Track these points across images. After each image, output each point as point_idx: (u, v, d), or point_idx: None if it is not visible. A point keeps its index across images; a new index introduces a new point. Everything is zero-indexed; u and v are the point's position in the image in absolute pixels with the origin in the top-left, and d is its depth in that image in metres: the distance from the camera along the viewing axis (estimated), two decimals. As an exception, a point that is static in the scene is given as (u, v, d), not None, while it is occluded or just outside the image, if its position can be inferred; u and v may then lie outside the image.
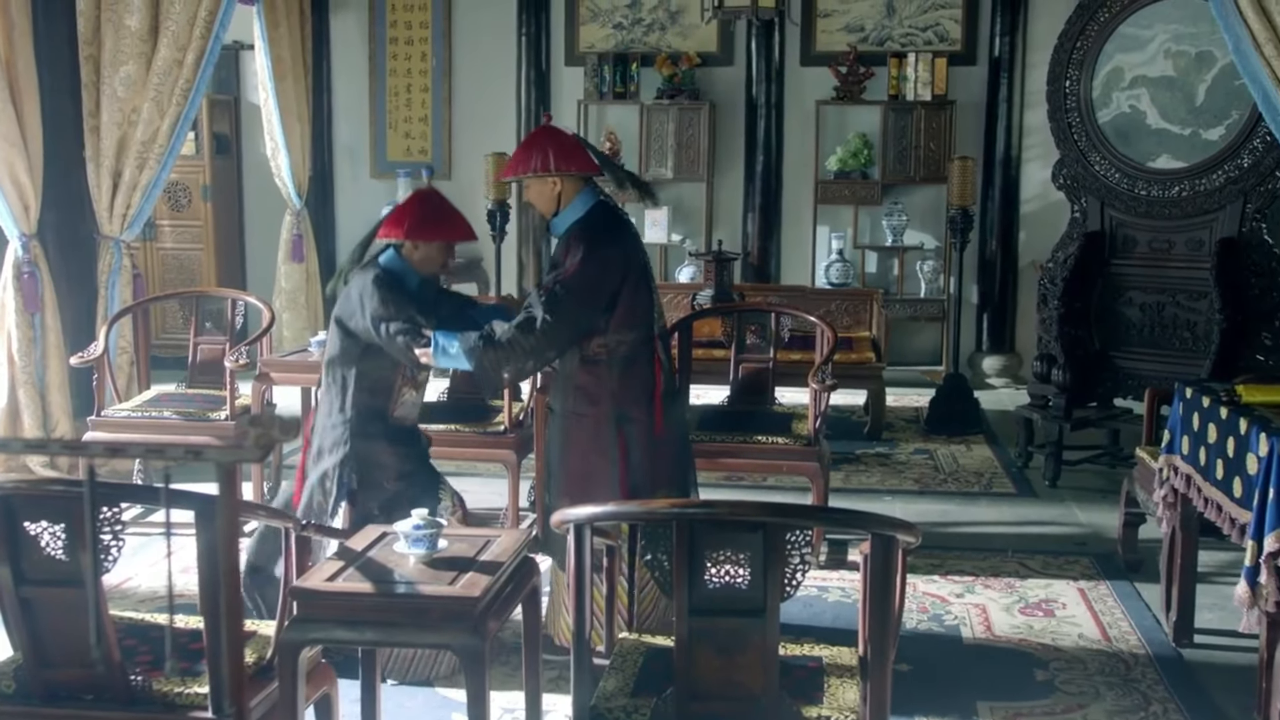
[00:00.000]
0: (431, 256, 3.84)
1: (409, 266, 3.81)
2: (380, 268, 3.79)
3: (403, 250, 3.81)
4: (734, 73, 8.70)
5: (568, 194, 3.80)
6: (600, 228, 3.76)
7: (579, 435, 3.79)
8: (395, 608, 2.73)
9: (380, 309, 3.67)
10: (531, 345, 3.64)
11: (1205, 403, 3.82)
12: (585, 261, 3.65)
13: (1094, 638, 4.12)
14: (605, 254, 3.70)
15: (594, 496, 3.56)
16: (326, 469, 3.79)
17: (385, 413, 3.81)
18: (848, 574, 4.65)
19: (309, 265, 8.66)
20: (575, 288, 3.65)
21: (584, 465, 3.78)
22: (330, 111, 9.13)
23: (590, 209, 3.80)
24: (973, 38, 8.49)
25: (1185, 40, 6.00)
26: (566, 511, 2.70)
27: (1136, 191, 6.13)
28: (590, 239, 3.70)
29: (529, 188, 3.84)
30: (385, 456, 3.80)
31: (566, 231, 3.79)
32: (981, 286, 8.56)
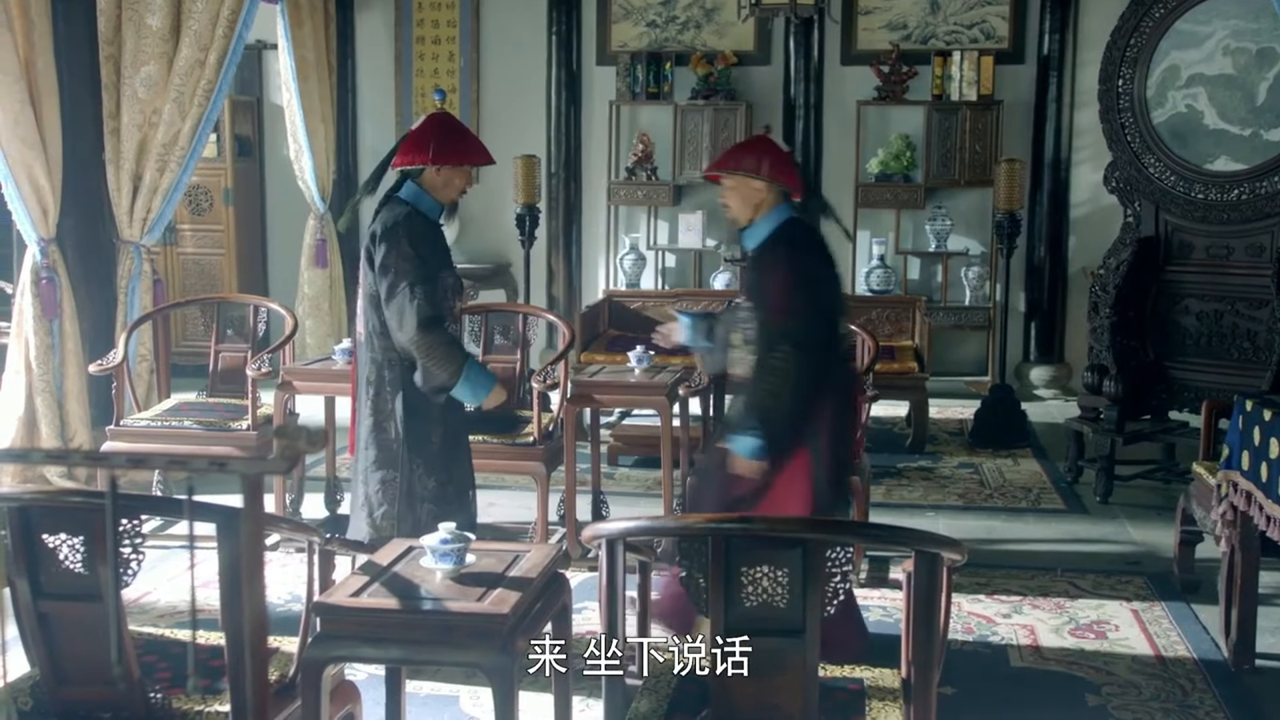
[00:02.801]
0: (454, 181, 3.94)
1: (427, 195, 3.91)
2: (405, 204, 3.89)
3: (423, 177, 3.89)
4: (771, 72, 8.70)
5: (767, 205, 3.86)
6: (801, 243, 3.83)
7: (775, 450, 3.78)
8: (421, 625, 2.73)
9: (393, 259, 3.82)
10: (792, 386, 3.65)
11: (1267, 416, 3.78)
12: (800, 281, 3.73)
13: (1148, 661, 4.08)
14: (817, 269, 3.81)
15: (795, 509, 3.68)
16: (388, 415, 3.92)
17: (457, 335, 3.92)
18: (890, 592, 4.62)
19: (333, 270, 8.70)
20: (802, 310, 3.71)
21: (781, 480, 3.78)
22: (355, 113, 9.19)
23: (787, 223, 3.85)
24: (1020, 35, 8.45)
25: (1245, 37, 5.95)
26: (599, 526, 2.71)
27: (1193, 195, 6.07)
28: (793, 257, 3.77)
29: (732, 189, 3.88)
30: (435, 410, 3.93)
31: (763, 246, 3.85)
32: (1029, 294, 8.51)
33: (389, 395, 3.99)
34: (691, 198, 8.80)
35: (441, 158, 3.88)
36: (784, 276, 3.75)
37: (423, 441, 4.00)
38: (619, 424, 7.01)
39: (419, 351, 3.86)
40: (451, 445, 4.09)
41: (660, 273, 8.93)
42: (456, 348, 3.92)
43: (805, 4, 6.89)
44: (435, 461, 4.00)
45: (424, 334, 3.83)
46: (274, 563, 4.90)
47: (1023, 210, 7.36)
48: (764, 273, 3.84)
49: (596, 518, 5.22)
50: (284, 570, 4.81)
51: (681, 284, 8.77)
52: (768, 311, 3.77)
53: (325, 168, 8.54)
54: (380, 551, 3.10)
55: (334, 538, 3.07)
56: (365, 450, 4.04)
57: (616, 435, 6.67)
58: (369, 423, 4.02)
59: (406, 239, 3.84)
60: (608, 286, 8.70)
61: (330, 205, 8.63)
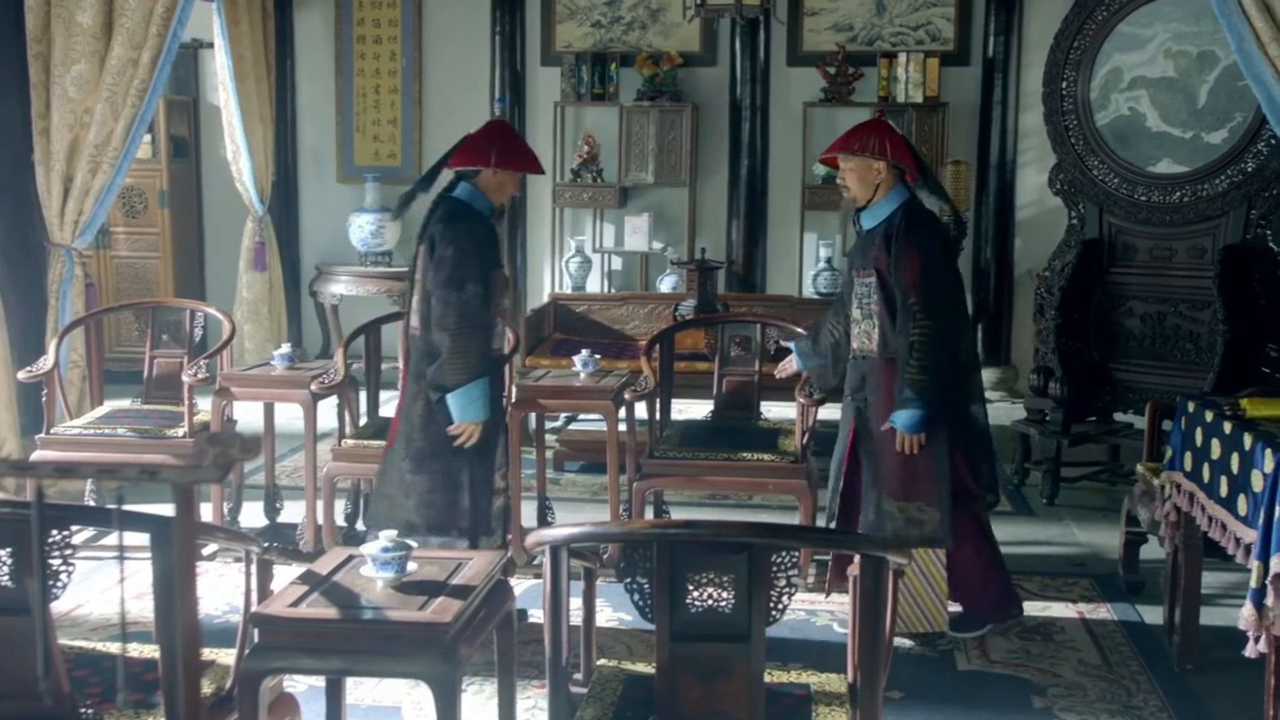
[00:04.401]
0: (506, 185, 4.16)
1: (482, 195, 4.11)
2: (460, 200, 4.09)
3: (479, 178, 4.10)
4: (717, 73, 8.73)
5: (886, 185, 4.18)
6: (928, 224, 4.16)
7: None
8: (362, 634, 2.71)
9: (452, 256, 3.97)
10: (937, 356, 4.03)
11: (1208, 417, 3.84)
12: (931, 258, 4.07)
13: (1094, 663, 4.13)
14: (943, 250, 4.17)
15: (920, 493, 4.11)
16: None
17: (489, 348, 4.09)
18: (838, 596, 4.65)
19: (272, 274, 8.63)
20: (934, 284, 4.05)
21: (910, 462, 4.11)
22: (294, 113, 9.12)
23: (906, 203, 4.17)
24: (966, 37, 8.54)
25: (1186, 40, 6.05)
26: (542, 533, 2.70)
27: (1136, 197, 6.16)
28: (925, 238, 4.09)
29: (851, 170, 4.21)
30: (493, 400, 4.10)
31: (886, 225, 4.15)
32: (976, 296, 8.59)
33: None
34: (638, 199, 8.81)
35: (503, 161, 4.09)
36: (915, 255, 4.06)
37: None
38: (565, 429, 7.00)
39: (446, 348, 3.99)
40: (501, 436, 4.27)
41: (606, 275, 8.93)
42: (478, 360, 4.02)
43: (751, 5, 6.92)
44: (483, 453, 4.12)
45: (459, 336, 3.97)
46: (211, 573, 4.86)
47: (969, 212, 7.44)
48: (894, 251, 4.10)
49: (542, 524, 5.21)
50: (222, 580, 4.77)
51: (628, 287, 8.78)
52: (902, 289, 4.06)
53: (264, 169, 8.46)
54: (319, 560, 3.07)
55: (272, 547, 3.04)
56: (414, 440, 4.11)
57: (562, 440, 6.66)
58: (421, 415, 4.11)
59: (468, 238, 4.01)
60: (553, 290, 8.69)
61: (269, 207, 8.56)
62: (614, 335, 7.51)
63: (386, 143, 9.13)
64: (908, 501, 4.16)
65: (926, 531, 4.14)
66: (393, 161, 9.11)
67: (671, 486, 4.93)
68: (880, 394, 4.20)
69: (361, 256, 8.82)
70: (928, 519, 4.14)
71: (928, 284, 4.05)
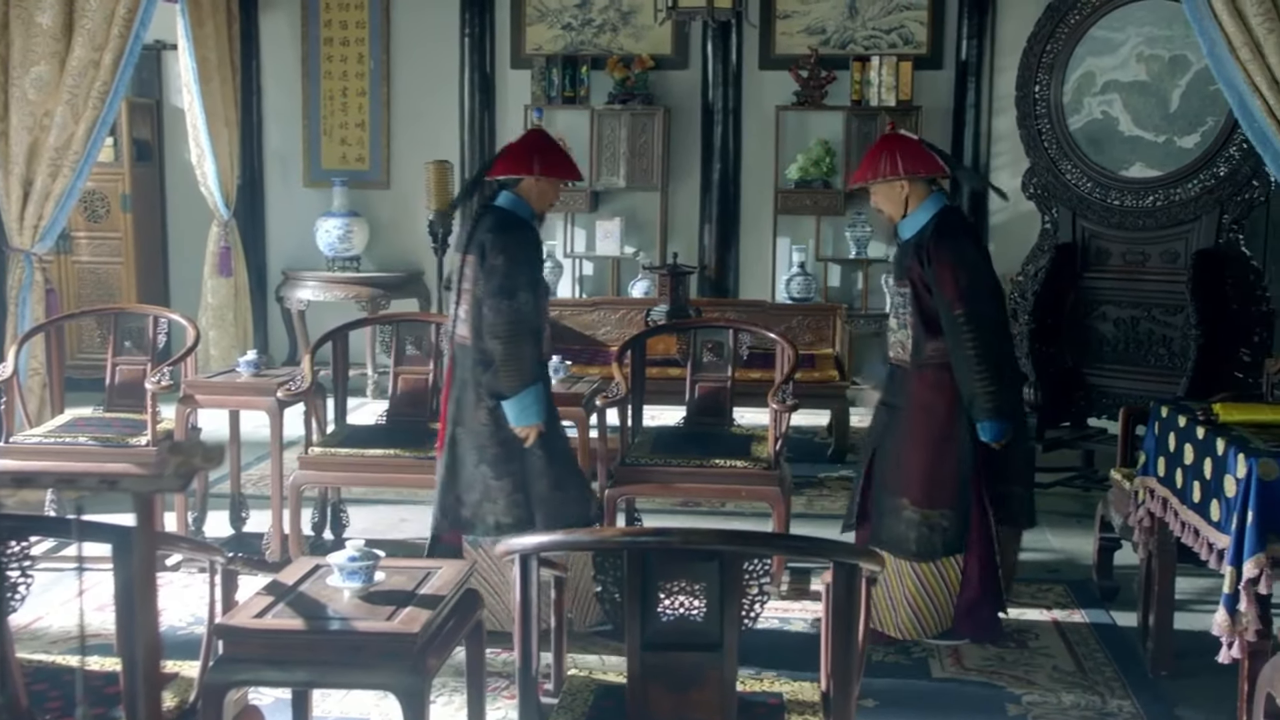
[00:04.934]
0: (548, 193, 4.26)
1: (525, 203, 4.20)
2: (506, 210, 4.17)
3: (521, 186, 4.20)
4: (689, 76, 8.75)
5: (915, 197, 4.24)
6: (959, 231, 4.20)
7: (928, 428, 4.22)
8: (328, 645, 2.70)
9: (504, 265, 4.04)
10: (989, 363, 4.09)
11: (1181, 422, 3.87)
12: (966, 266, 4.11)
13: (1068, 669, 4.16)
14: (978, 254, 4.21)
15: (945, 487, 4.17)
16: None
17: (540, 353, 4.16)
18: (812, 604, 4.66)
19: (238, 279, 8.58)
20: (975, 294, 4.09)
21: (933, 458, 4.20)
22: (260, 116, 9.08)
23: (940, 212, 4.21)
24: (939, 40, 8.59)
25: (1159, 44, 6.10)
26: (512, 541, 2.70)
27: (1109, 201, 6.21)
28: (957, 246, 4.13)
29: (876, 193, 4.30)
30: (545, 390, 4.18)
31: (919, 236, 4.19)
32: (950, 301, 8.63)
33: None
34: (609, 204, 8.82)
35: (547, 170, 4.20)
36: (949, 264, 4.11)
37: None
38: (536, 436, 6.98)
39: (500, 355, 4.08)
40: (562, 435, 4.32)
41: (578, 280, 8.93)
42: (532, 366, 4.11)
43: (723, 7, 6.93)
44: (554, 451, 4.21)
45: (511, 342, 4.07)
46: (176, 584, 4.82)
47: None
48: (928, 262, 4.15)
49: (512, 532, 5.19)
50: (186, 591, 4.73)
51: (599, 292, 8.78)
52: (946, 303, 4.12)
53: (229, 172, 8.42)
54: (285, 570, 3.06)
55: (237, 557, 3.03)
56: (486, 448, 4.19)
57: (533, 447, 6.64)
58: (487, 423, 4.19)
59: (519, 246, 4.11)
60: (524, 295, 8.66)
61: (234, 211, 8.51)
62: (585, 341, 7.51)
63: (354, 146, 9.10)
64: (931, 509, 4.23)
65: (949, 539, 4.23)
66: (360, 165, 9.08)
67: (643, 494, 4.93)
68: (911, 402, 4.27)
69: (329, 261, 8.79)
70: (950, 526, 4.22)
71: (969, 292, 4.10)
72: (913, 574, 4.25)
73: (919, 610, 4.28)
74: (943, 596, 4.28)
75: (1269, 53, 4.85)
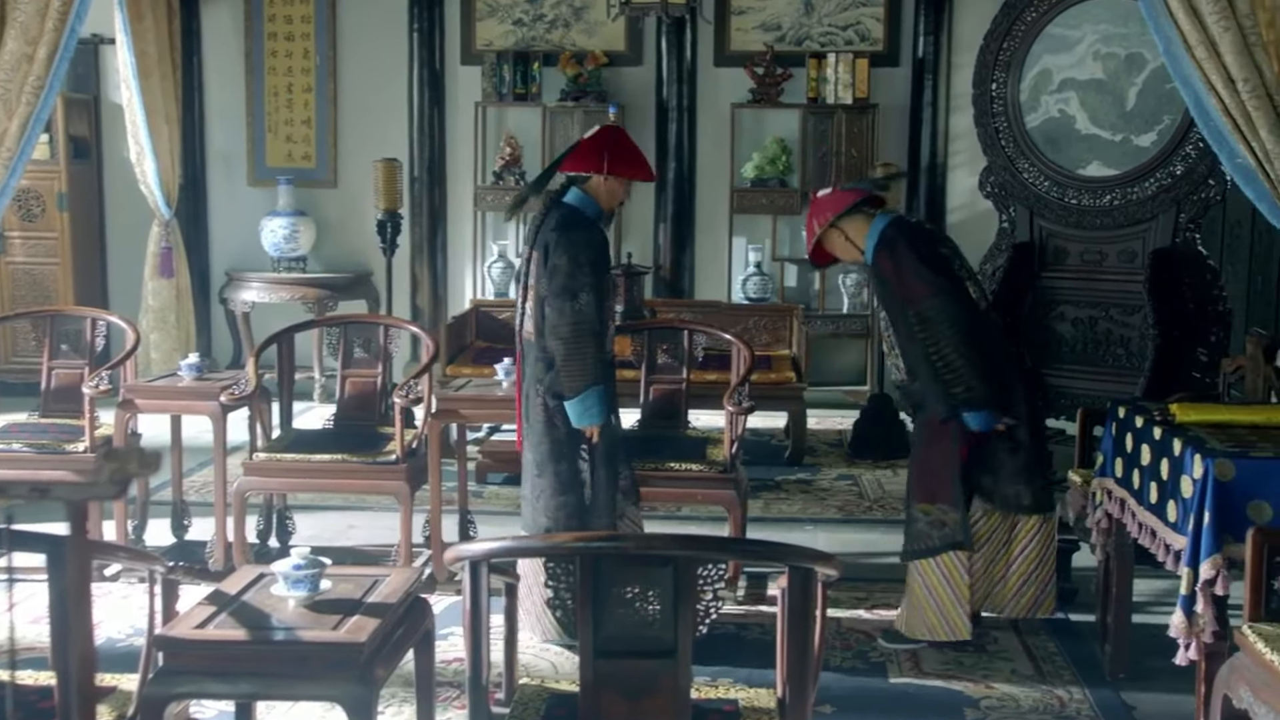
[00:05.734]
0: (617, 192, 4.29)
1: (592, 201, 4.24)
2: (573, 208, 4.23)
3: (589, 183, 4.24)
4: (643, 73, 8.76)
5: (857, 233, 4.35)
6: (895, 242, 4.26)
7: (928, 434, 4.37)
8: (273, 656, 2.68)
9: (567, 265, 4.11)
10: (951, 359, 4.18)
11: (1139, 423, 3.91)
12: (904, 268, 4.21)
13: (1027, 673, 4.19)
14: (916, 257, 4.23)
15: (942, 495, 4.28)
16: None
17: (605, 351, 4.21)
18: (770, 610, 4.67)
19: (179, 281, 8.49)
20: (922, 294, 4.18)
21: (928, 464, 4.35)
22: (202, 113, 8.99)
23: (882, 232, 4.30)
24: (895, 37, 8.65)
25: (1115, 41, 6.18)
26: (461, 547, 2.69)
27: (1067, 200, 6.28)
28: (894, 255, 4.24)
29: (830, 252, 4.44)
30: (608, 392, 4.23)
31: (876, 256, 4.30)
32: (907, 301, 8.68)
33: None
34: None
35: (614, 168, 4.24)
36: (894, 276, 4.24)
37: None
38: (487, 439, 6.97)
39: (561, 355, 4.15)
40: (621, 433, 4.39)
41: (530, 281, 8.89)
42: (593, 367, 4.14)
43: (676, 3, 6.95)
44: (605, 453, 4.25)
45: (573, 343, 4.12)
46: (115, 594, 4.77)
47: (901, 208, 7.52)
48: (880, 280, 4.35)
49: (464, 538, 5.18)
50: (125, 602, 4.69)
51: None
52: (906, 303, 4.24)
53: (170, 171, 8.34)
54: (228, 579, 3.03)
55: (178, 566, 3.00)
56: (539, 445, 4.30)
57: (484, 451, 6.63)
58: (541, 418, 4.27)
59: (582, 246, 4.14)
60: (475, 296, 8.66)
61: (175, 211, 8.43)
62: (538, 343, 7.48)
63: (300, 144, 9.04)
64: (931, 504, 4.31)
65: (948, 533, 4.29)
66: (306, 163, 9.02)
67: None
68: (923, 412, 4.40)
69: (274, 262, 8.72)
70: (950, 521, 4.29)
71: (914, 294, 4.20)
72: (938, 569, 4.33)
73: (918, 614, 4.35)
74: (948, 599, 4.32)
75: (1224, 51, 4.91)
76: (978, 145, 6.74)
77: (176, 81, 8.48)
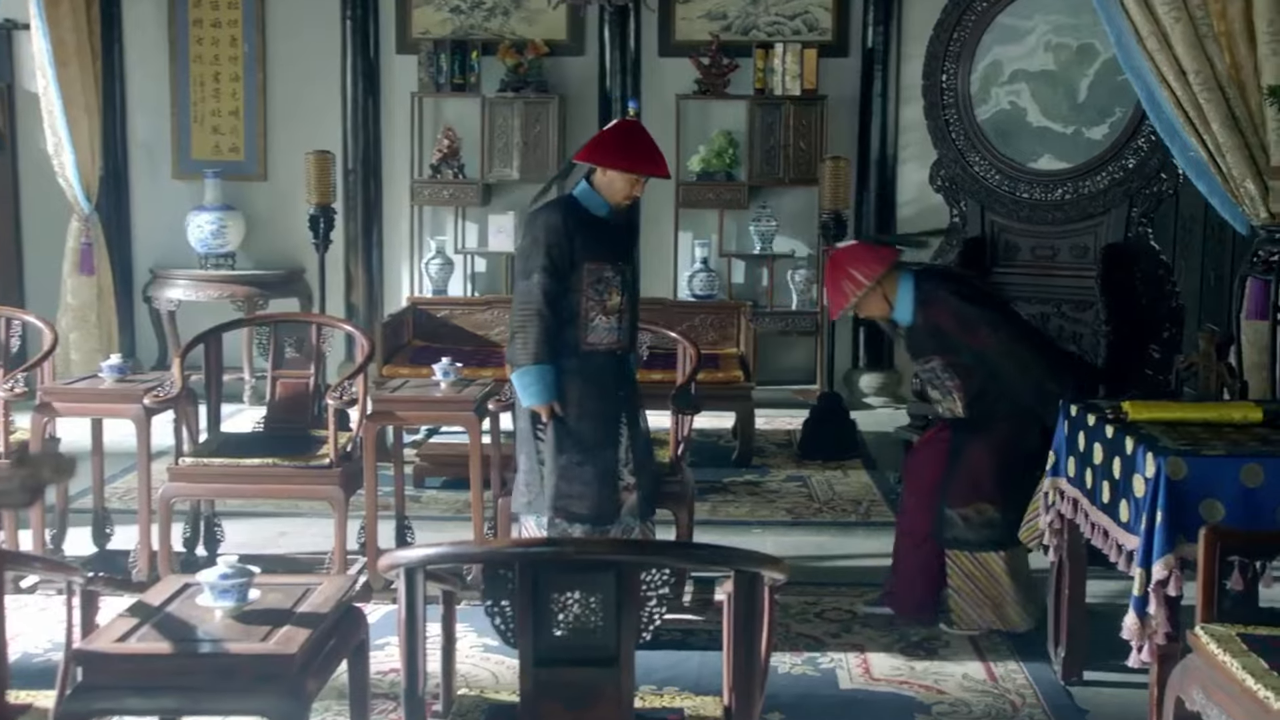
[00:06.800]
0: (616, 184, 4.38)
1: (596, 193, 4.40)
2: (565, 196, 4.49)
3: (594, 176, 4.40)
4: (585, 63, 8.76)
5: (890, 289, 4.57)
6: (936, 296, 4.56)
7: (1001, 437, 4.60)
8: (198, 669, 2.66)
9: (527, 246, 4.36)
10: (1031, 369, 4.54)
11: (1091, 421, 3.96)
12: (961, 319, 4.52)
13: (979, 678, 4.23)
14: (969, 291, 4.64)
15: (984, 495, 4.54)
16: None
17: (577, 342, 4.35)
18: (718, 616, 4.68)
19: (101, 278, 8.40)
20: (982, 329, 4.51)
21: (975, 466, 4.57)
22: (124, 103, 8.89)
23: (915, 288, 4.57)
24: (844, 27, 8.71)
25: (1066, 32, 6.23)
26: (396, 554, 2.67)
27: (1018, 194, 6.33)
28: (947, 307, 4.53)
29: (860, 309, 4.65)
30: (571, 390, 4.34)
31: (914, 316, 4.58)
32: (858, 298, 8.74)
33: None
34: (502, 197, 8.79)
35: (594, 157, 4.39)
36: (954, 326, 4.51)
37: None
38: (425, 442, 6.94)
39: (510, 329, 4.41)
40: (591, 427, 4.40)
41: (469, 278, 8.88)
42: (538, 346, 4.30)
43: (619, -9, 6.95)
44: (566, 438, 4.36)
45: (519, 319, 4.34)
46: (31, 607, 4.70)
47: (849, 210, 7.57)
48: (934, 334, 4.57)
49: (401, 545, 5.16)
50: (43, 615, 4.62)
51: (493, 290, 8.75)
52: (971, 350, 4.51)
53: (90, 163, 8.23)
54: (151, 590, 3.00)
55: (98, 576, 2.96)
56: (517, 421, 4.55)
57: (422, 455, 6.60)
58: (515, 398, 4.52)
59: (543, 228, 4.34)
60: (412, 293, 8.62)
61: (97, 205, 8.32)
62: (477, 342, 7.48)
63: (228, 135, 8.96)
64: (965, 506, 4.51)
65: (986, 534, 4.53)
66: (235, 155, 8.94)
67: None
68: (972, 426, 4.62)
69: (201, 259, 8.64)
70: (989, 520, 4.52)
71: (978, 338, 4.50)
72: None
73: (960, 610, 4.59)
74: (998, 594, 4.55)
75: (1176, 42, 4.99)
76: (928, 138, 6.78)
77: (96, 70, 8.38)
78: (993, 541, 4.53)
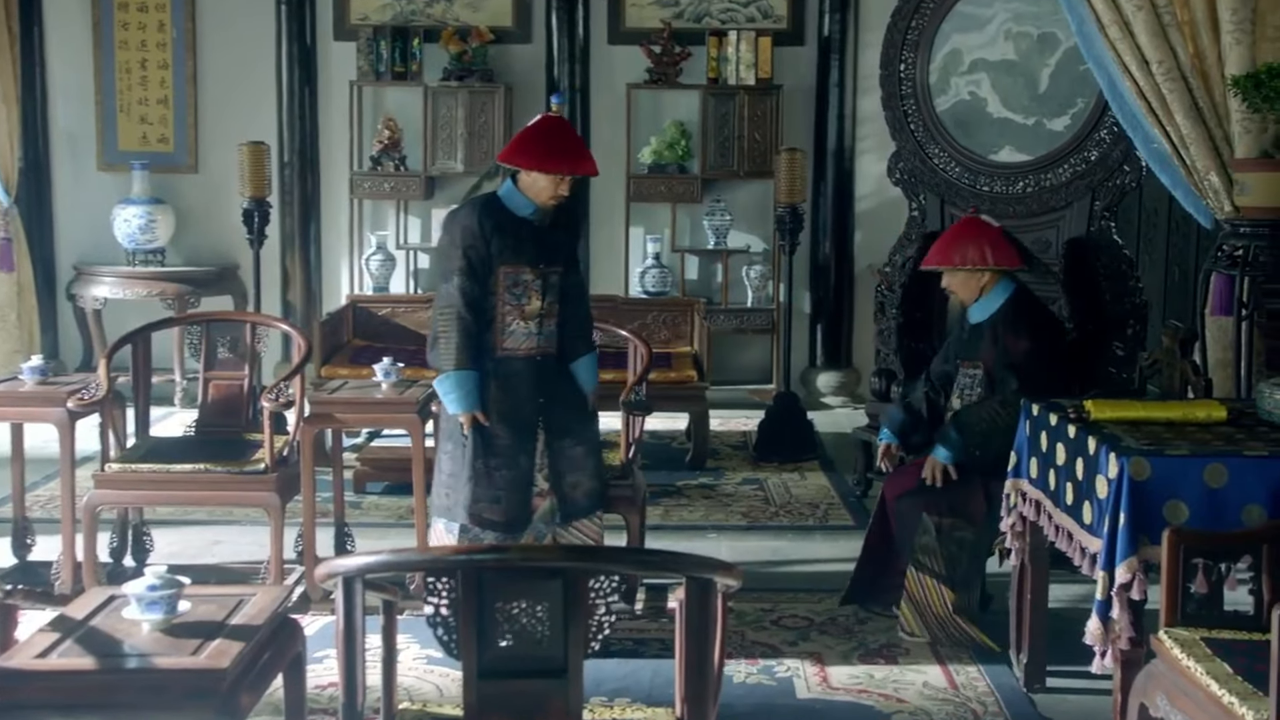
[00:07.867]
0: (538, 185, 4.34)
1: (519, 193, 4.39)
2: (487, 195, 4.51)
3: (519, 177, 4.39)
4: (532, 51, 8.74)
5: (990, 284, 4.70)
6: (1032, 312, 4.75)
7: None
8: (124, 686, 2.63)
9: (445, 247, 4.43)
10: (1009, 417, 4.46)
11: (1053, 420, 3.99)
12: (1040, 351, 4.62)
13: (939, 685, 4.26)
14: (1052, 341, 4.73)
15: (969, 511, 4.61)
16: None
17: (493, 347, 4.38)
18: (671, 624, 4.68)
19: (20, 275, 8.32)
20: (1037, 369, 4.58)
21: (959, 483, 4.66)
22: (44, 91, 8.78)
23: (1011, 297, 4.70)
24: (800, 14, 8.74)
25: (1027, 20, 6.29)
26: (334, 563, 2.66)
27: (979, 187, 6.38)
28: (1033, 334, 4.65)
29: (953, 278, 4.73)
30: (487, 394, 4.35)
31: (991, 320, 4.67)
32: (814, 294, 8.80)
33: None
34: (446, 190, 8.74)
35: (510, 158, 4.41)
36: (1026, 343, 4.60)
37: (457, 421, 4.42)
38: (366, 446, 6.90)
39: (434, 333, 4.42)
40: (505, 431, 4.39)
41: (412, 275, 8.85)
42: (459, 352, 4.31)
43: (567, -24, 6.95)
44: (481, 443, 4.37)
45: (439, 324, 4.37)
46: (-51, 622, 4.63)
47: (805, 204, 7.61)
48: (1000, 343, 4.64)
49: (340, 553, 5.12)
50: (-38, 630, 4.55)
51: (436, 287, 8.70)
52: (1012, 370, 4.58)
53: (8, 154, 8.15)
54: (75, 603, 2.96)
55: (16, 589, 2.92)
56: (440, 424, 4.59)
57: (363, 459, 6.57)
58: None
59: (459, 230, 4.37)
60: (351, 291, 8.57)
61: (16, 198, 8.22)
62: (420, 341, 7.40)
63: (156, 125, 8.87)
64: (943, 518, 4.59)
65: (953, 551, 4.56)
66: (164, 146, 8.86)
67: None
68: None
69: (129, 255, 8.55)
70: (960, 540, 4.57)
71: (1029, 377, 4.53)
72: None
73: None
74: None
75: (1138, 31, 5.05)
76: (886, 129, 6.83)
77: (14, 56, 8.30)
78: (951, 578, 4.52)
